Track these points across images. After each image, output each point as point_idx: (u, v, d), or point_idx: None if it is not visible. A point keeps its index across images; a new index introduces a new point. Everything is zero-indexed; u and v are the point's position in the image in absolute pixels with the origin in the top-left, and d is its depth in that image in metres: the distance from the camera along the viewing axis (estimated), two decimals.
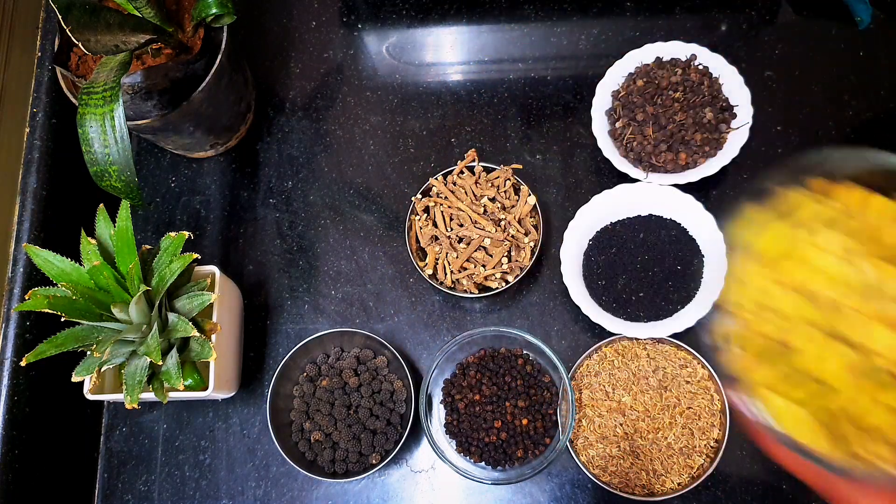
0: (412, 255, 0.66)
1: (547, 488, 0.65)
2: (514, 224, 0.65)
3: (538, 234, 0.65)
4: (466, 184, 0.66)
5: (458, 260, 0.64)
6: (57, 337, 0.54)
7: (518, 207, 0.65)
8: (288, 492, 0.67)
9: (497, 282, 0.65)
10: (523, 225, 0.66)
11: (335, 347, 0.68)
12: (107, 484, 0.69)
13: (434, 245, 0.66)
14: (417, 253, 0.67)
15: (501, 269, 0.64)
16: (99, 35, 0.53)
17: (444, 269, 0.65)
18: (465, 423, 0.64)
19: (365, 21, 0.81)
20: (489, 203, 0.65)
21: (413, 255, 0.66)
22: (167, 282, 0.55)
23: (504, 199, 0.66)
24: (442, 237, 0.65)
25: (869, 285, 0.30)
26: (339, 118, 0.77)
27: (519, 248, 0.65)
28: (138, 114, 0.63)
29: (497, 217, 0.65)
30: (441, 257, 0.65)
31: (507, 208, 0.66)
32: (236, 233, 0.75)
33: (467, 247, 0.64)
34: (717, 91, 0.67)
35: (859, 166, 0.33)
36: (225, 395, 0.65)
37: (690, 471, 0.61)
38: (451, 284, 0.65)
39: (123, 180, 0.53)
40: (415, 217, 0.67)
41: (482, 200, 0.65)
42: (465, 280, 0.64)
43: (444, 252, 0.65)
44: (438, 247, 0.65)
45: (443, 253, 0.65)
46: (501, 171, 0.67)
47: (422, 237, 0.66)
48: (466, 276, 0.64)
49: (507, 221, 0.65)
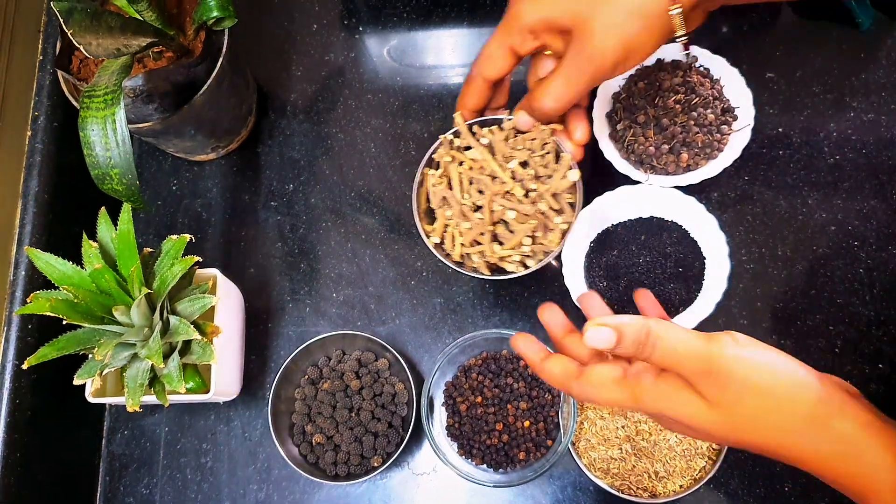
0: (418, 216, 0.55)
1: (549, 491, 0.65)
2: (546, 198, 0.53)
3: (573, 214, 0.54)
4: (495, 140, 0.54)
5: (470, 231, 0.53)
6: (58, 340, 0.54)
7: (555, 180, 0.53)
8: (289, 494, 0.67)
9: (515, 265, 0.56)
10: (558, 201, 0.54)
11: (337, 350, 0.68)
12: (108, 487, 0.69)
13: (445, 208, 0.54)
14: (425, 215, 0.56)
15: (521, 251, 0.53)
16: (100, 38, 0.53)
17: (452, 240, 0.54)
18: (467, 425, 0.64)
19: (366, 24, 0.81)
20: (519, 168, 0.53)
21: (419, 217, 0.55)
22: (168, 285, 0.55)
23: (539, 167, 0.54)
24: (454, 202, 0.54)
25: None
26: (341, 121, 0.77)
27: (547, 228, 0.54)
28: (140, 117, 0.63)
29: (527, 186, 0.53)
30: (451, 225, 0.54)
31: (542, 178, 0.53)
32: (238, 236, 0.75)
33: (484, 217, 0.53)
34: (718, 93, 0.67)
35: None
36: (226, 398, 0.65)
37: (693, 473, 0.61)
38: (458, 259, 0.55)
39: (125, 183, 0.53)
40: (428, 171, 0.55)
41: (511, 164, 0.53)
42: (476, 257, 0.54)
43: (455, 220, 0.54)
44: (451, 211, 0.54)
45: (454, 220, 0.54)
46: (539, 130, 0.54)
47: (433, 196, 0.55)
48: (478, 252, 0.54)
49: (539, 194, 0.53)
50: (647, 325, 0.40)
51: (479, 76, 0.54)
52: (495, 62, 0.53)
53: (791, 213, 0.69)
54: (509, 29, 0.52)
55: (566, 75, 0.50)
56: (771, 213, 0.69)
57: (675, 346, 0.39)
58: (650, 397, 0.40)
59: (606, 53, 0.48)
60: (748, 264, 0.68)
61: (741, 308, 0.67)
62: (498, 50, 0.53)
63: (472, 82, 0.55)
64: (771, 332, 0.66)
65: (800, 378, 0.38)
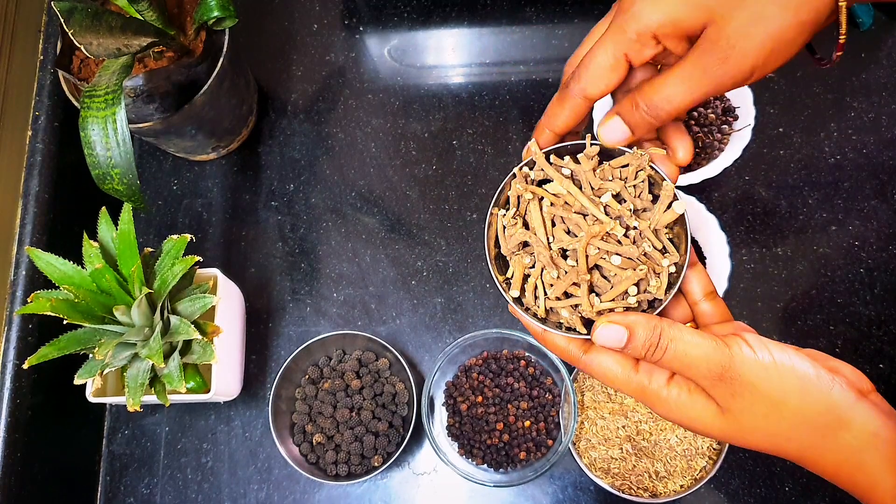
0: (490, 263, 0.45)
1: (549, 491, 0.65)
2: (649, 237, 0.43)
3: (682, 253, 0.42)
4: (581, 170, 0.44)
5: (560, 282, 0.43)
6: (59, 340, 0.54)
7: (656, 213, 0.43)
8: (290, 494, 0.67)
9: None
10: (659, 239, 0.43)
11: (337, 350, 0.68)
12: (109, 487, 0.69)
13: (523, 255, 0.44)
14: (496, 262, 0.45)
15: (626, 303, 0.42)
16: (101, 38, 0.53)
17: (534, 292, 0.44)
18: (467, 425, 0.64)
19: (366, 24, 0.81)
20: (614, 203, 0.43)
21: (491, 264, 0.45)
22: (169, 284, 0.55)
23: (634, 199, 0.44)
24: (538, 248, 0.43)
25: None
26: (341, 121, 0.77)
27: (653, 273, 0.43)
28: (140, 117, 0.63)
29: (627, 223, 0.43)
30: (534, 275, 0.43)
31: (638, 212, 0.43)
32: (238, 235, 0.75)
33: (579, 265, 0.42)
34: None
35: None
36: (227, 397, 0.65)
37: (693, 473, 0.61)
38: (542, 315, 0.44)
39: (125, 183, 0.53)
40: (497, 211, 0.45)
41: (604, 198, 0.43)
42: (565, 311, 0.43)
43: (539, 268, 0.43)
44: (529, 258, 0.44)
45: (537, 269, 0.43)
46: (632, 155, 0.43)
47: (505, 241, 0.44)
48: (569, 306, 0.43)
49: (639, 232, 0.43)
50: (659, 326, 0.38)
51: (581, 93, 0.43)
52: (603, 75, 0.42)
53: (791, 213, 0.69)
54: (623, 33, 0.41)
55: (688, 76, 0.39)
56: (771, 213, 0.69)
57: (686, 351, 0.38)
58: (658, 400, 0.40)
59: (747, 53, 0.39)
60: (748, 264, 0.68)
61: (741, 308, 0.67)
62: (607, 59, 0.42)
63: (568, 100, 0.44)
64: (771, 331, 0.66)
65: (811, 385, 0.38)
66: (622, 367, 0.41)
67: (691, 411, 0.39)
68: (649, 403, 0.41)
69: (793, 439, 0.38)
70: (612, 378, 0.41)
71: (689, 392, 0.39)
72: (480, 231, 0.72)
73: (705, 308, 0.44)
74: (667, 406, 0.40)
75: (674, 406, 0.40)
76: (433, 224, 0.73)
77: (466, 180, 0.74)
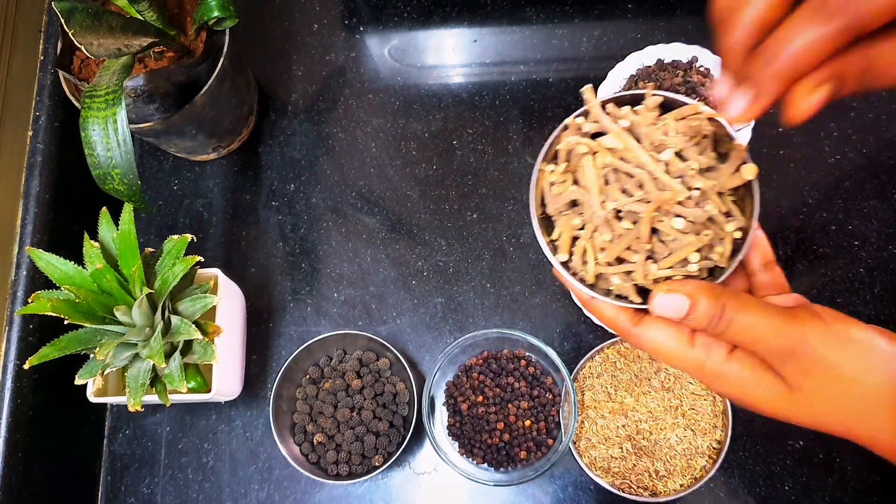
0: (536, 223, 0.41)
1: (549, 490, 0.65)
2: (713, 199, 0.38)
3: (749, 218, 0.38)
4: (641, 122, 0.39)
5: (613, 246, 0.38)
6: (60, 340, 0.54)
7: (723, 175, 0.38)
8: (291, 494, 0.67)
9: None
10: (725, 203, 0.39)
11: (338, 350, 0.68)
12: (110, 487, 0.69)
13: (572, 215, 0.40)
14: (542, 223, 0.41)
15: (686, 270, 0.38)
16: (101, 38, 0.53)
17: (583, 256, 0.40)
18: (468, 424, 0.64)
19: (367, 24, 0.81)
20: (676, 160, 0.38)
21: (537, 224, 0.41)
22: (170, 285, 0.56)
23: (697, 157, 0.39)
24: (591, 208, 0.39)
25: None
26: (341, 121, 0.77)
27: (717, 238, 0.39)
28: (141, 117, 0.63)
29: (690, 184, 0.38)
30: (584, 237, 0.39)
31: (703, 171, 0.39)
32: (239, 236, 0.75)
33: (641, 229, 0.38)
34: None
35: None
36: (228, 397, 0.66)
37: (693, 472, 0.61)
38: (591, 281, 0.40)
39: (126, 183, 0.53)
40: (545, 167, 0.41)
41: (664, 154, 0.38)
42: (616, 277, 0.39)
43: (590, 230, 0.39)
44: (579, 218, 0.39)
45: (588, 231, 0.39)
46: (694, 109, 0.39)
47: (552, 200, 0.40)
48: (622, 272, 0.39)
49: (703, 193, 0.38)
50: (724, 296, 0.35)
51: None
52: None
53: (791, 212, 0.69)
54: None
55: (816, 16, 0.31)
56: (771, 212, 0.69)
57: (754, 323, 0.35)
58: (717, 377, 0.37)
59: None
60: None
61: None
62: None
63: None
64: None
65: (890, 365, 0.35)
66: (677, 341, 0.38)
67: (756, 390, 0.36)
68: (706, 380, 0.38)
69: (866, 421, 0.35)
70: (665, 352, 0.38)
71: (752, 369, 0.36)
72: (481, 231, 0.72)
73: (763, 278, 0.40)
74: (727, 383, 0.37)
75: (734, 384, 0.37)
76: (433, 224, 0.73)
77: (467, 180, 0.74)
